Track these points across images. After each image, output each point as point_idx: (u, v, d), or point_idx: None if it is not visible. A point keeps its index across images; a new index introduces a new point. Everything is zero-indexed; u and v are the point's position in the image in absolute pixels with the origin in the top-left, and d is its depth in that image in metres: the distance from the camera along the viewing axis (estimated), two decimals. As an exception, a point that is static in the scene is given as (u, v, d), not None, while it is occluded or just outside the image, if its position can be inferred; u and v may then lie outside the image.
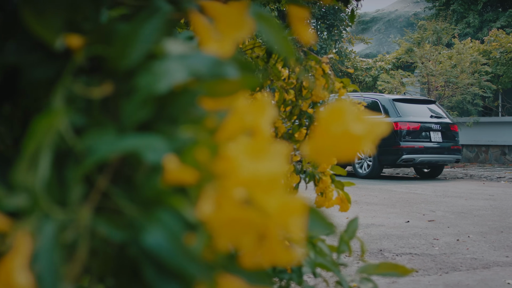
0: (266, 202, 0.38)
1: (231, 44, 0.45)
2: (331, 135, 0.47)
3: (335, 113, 0.47)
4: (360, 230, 5.03)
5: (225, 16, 0.45)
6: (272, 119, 0.49)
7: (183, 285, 0.39)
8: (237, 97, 0.46)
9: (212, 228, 0.38)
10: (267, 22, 0.49)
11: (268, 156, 0.39)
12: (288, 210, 0.38)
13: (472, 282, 3.29)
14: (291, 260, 0.40)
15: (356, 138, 0.48)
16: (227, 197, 0.37)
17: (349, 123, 0.47)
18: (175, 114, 0.43)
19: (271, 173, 0.38)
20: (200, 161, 0.39)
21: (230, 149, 0.38)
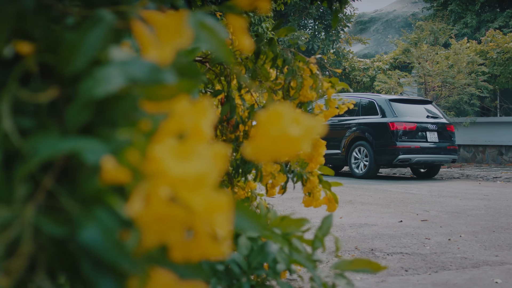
0: (192, 200, 0.40)
1: (170, 51, 0.48)
2: (269, 137, 0.50)
3: (273, 116, 0.50)
4: (353, 230, 5.06)
5: (164, 25, 0.48)
6: (212, 121, 0.51)
7: (117, 279, 0.42)
8: (177, 100, 0.49)
9: (141, 224, 0.40)
10: (208, 30, 0.51)
11: (196, 157, 0.42)
12: (213, 207, 0.41)
13: (461, 281, 3.32)
14: (220, 254, 0.42)
15: (293, 140, 0.50)
16: (155, 195, 0.40)
17: (286, 125, 0.50)
18: (115, 117, 0.46)
19: (197, 173, 0.41)
20: (132, 162, 0.42)
21: (156, 151, 0.41)
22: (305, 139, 0.51)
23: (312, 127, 0.51)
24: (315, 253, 1.35)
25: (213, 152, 0.47)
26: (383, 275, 3.49)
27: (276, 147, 0.50)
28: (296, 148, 0.51)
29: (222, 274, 1.29)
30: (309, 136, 0.51)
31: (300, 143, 0.50)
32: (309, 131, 0.51)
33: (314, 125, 0.51)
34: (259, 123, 0.50)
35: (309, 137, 0.51)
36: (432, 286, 3.23)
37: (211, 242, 0.42)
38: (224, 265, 1.28)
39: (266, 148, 0.51)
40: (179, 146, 0.42)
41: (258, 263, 1.31)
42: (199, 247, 0.42)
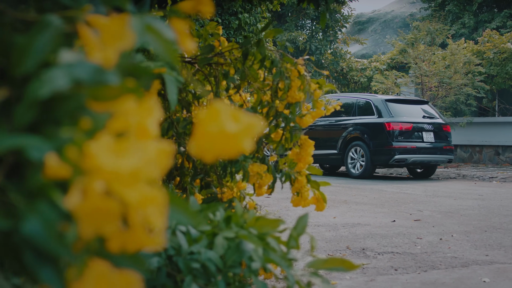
0: (126, 193, 0.43)
1: (113, 53, 0.51)
2: (208, 134, 0.53)
3: (212, 114, 0.52)
4: (346, 229, 5.09)
5: (107, 29, 0.50)
6: (158, 120, 0.54)
7: (57, 268, 0.44)
8: (123, 100, 0.51)
9: (77, 217, 0.43)
10: (155, 32, 0.54)
11: (132, 154, 0.44)
12: (147, 201, 0.44)
13: (449, 280, 3.35)
14: (155, 245, 0.45)
15: (231, 137, 0.53)
16: (90, 189, 0.43)
17: (224, 122, 0.52)
18: (61, 116, 0.49)
19: (132, 169, 0.44)
20: (72, 158, 0.45)
21: (91, 147, 0.44)
22: (245, 136, 0.53)
23: (251, 125, 0.53)
24: (290, 252, 1.38)
25: (157, 149, 0.50)
26: (372, 274, 3.52)
27: (215, 144, 0.53)
28: (235, 145, 0.53)
29: (198, 272, 1.32)
30: (248, 133, 0.53)
31: (239, 140, 0.53)
32: (248, 129, 0.53)
33: (253, 122, 0.53)
34: (198, 121, 0.52)
35: (249, 134, 0.53)
36: (420, 285, 3.26)
37: (146, 234, 0.44)
38: (200, 263, 1.31)
39: (206, 146, 0.53)
40: (116, 143, 0.44)
41: (233, 262, 1.33)
42: (135, 238, 0.44)
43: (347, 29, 27.54)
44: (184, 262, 1.28)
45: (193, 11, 0.59)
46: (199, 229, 1.40)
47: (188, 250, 1.35)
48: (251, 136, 0.54)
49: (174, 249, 1.36)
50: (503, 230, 5.12)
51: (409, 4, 32.48)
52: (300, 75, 2.72)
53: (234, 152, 0.55)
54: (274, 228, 1.40)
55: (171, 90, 1.38)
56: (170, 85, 1.38)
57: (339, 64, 19.56)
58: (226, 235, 1.38)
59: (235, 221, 1.40)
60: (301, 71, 2.71)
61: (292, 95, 2.72)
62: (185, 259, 1.29)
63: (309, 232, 5.03)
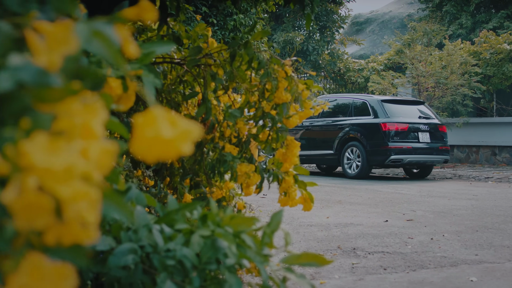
0: (59, 189, 0.46)
1: (58, 57, 0.53)
2: (145, 139, 0.55)
3: (149, 119, 0.55)
4: (338, 229, 5.12)
5: (52, 34, 0.53)
6: (104, 120, 0.57)
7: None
8: (69, 101, 0.54)
9: (13, 211, 0.46)
10: (101, 37, 0.57)
11: (65, 152, 0.47)
12: (80, 196, 0.46)
13: (437, 280, 3.38)
14: (89, 238, 0.47)
15: (167, 141, 0.56)
16: (24, 185, 0.45)
17: (160, 127, 0.55)
18: (6, 116, 0.51)
19: (65, 166, 0.46)
20: (10, 156, 0.47)
21: (26, 146, 0.46)
22: (182, 141, 0.56)
23: (188, 130, 0.56)
24: (264, 248, 1.40)
25: (101, 148, 0.53)
26: (361, 273, 3.54)
27: (153, 148, 0.56)
28: (172, 149, 0.56)
29: (175, 269, 1.35)
30: (185, 138, 0.56)
31: (175, 144, 0.55)
32: (185, 134, 0.56)
33: (190, 128, 0.56)
34: (136, 126, 0.55)
35: (185, 139, 0.56)
36: (408, 284, 3.29)
37: (80, 228, 0.47)
38: (175, 260, 1.33)
39: (145, 149, 0.56)
40: (51, 141, 0.47)
41: (208, 258, 1.36)
42: (70, 232, 0.47)
43: (345, 29, 27.60)
44: (159, 259, 1.31)
45: (136, 18, 0.62)
46: (176, 228, 1.43)
47: (165, 247, 1.37)
48: (188, 140, 0.56)
49: (152, 246, 1.38)
50: (494, 230, 5.15)
51: (407, 5, 32.53)
52: (287, 76, 2.74)
53: (173, 155, 0.58)
54: (249, 226, 1.42)
55: (149, 92, 1.41)
56: (148, 86, 1.40)
57: (337, 65, 19.60)
58: (202, 233, 1.40)
59: (212, 220, 1.43)
60: (288, 72, 2.74)
61: (279, 96, 2.74)
62: (160, 256, 1.31)
63: (301, 232, 5.05)
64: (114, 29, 0.56)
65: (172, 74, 3.18)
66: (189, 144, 0.57)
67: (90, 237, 0.48)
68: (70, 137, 0.50)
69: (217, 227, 1.42)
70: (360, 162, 11.36)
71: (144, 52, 1.48)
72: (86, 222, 0.47)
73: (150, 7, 0.61)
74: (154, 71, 1.44)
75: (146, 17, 0.61)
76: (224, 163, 2.66)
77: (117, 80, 1.41)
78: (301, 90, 2.81)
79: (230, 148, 2.71)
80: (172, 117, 0.56)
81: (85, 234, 0.48)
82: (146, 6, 0.62)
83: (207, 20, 10.26)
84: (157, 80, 1.44)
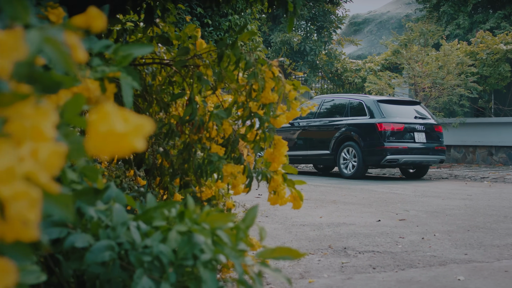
0: (1, 190, 0.49)
1: (8, 63, 0.56)
2: (99, 134, 0.59)
3: (102, 115, 0.58)
4: (330, 229, 5.15)
5: (2, 42, 0.56)
6: (54, 123, 0.60)
7: None
8: (20, 105, 0.57)
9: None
10: (53, 43, 0.60)
11: (7, 154, 0.50)
12: (20, 196, 0.49)
13: (424, 278, 3.41)
14: (30, 235, 0.51)
15: (121, 136, 0.59)
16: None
17: (113, 123, 0.58)
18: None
19: (4, 168, 0.50)
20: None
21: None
22: (134, 136, 0.59)
23: (140, 125, 0.59)
24: (239, 244, 1.44)
25: (50, 150, 0.56)
26: (350, 272, 3.58)
27: (107, 143, 0.59)
28: (126, 144, 0.59)
29: (151, 265, 1.38)
30: (138, 133, 0.59)
31: (129, 139, 0.59)
32: (137, 129, 0.59)
33: (142, 123, 0.59)
34: (90, 122, 0.58)
35: (138, 133, 0.59)
36: (396, 283, 3.32)
37: (22, 225, 0.50)
38: (152, 256, 1.37)
39: (100, 145, 0.59)
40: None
41: (185, 254, 1.39)
42: (12, 229, 0.50)
43: (342, 30, 27.64)
44: (135, 255, 1.34)
45: (85, 25, 0.65)
46: (154, 225, 1.46)
47: (142, 244, 1.40)
48: (141, 135, 0.60)
49: (130, 243, 1.41)
50: (485, 229, 5.19)
51: (405, 5, 32.57)
52: (274, 76, 2.77)
53: (127, 150, 0.61)
54: (225, 222, 1.46)
55: (127, 94, 1.44)
56: (126, 88, 1.43)
57: (334, 65, 19.63)
58: (179, 229, 1.43)
59: (189, 216, 1.46)
60: (276, 72, 2.77)
61: (265, 96, 2.77)
62: (137, 253, 1.34)
63: (293, 231, 5.08)
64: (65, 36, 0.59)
65: (162, 75, 3.22)
66: (142, 139, 0.60)
67: (31, 234, 0.51)
68: (20, 139, 0.54)
69: (194, 224, 1.46)
70: (356, 162, 11.40)
71: (123, 54, 1.51)
72: (27, 220, 0.51)
73: (99, 15, 0.64)
74: (132, 73, 1.47)
75: (94, 25, 0.64)
76: (211, 163, 2.69)
77: (95, 81, 1.45)
78: (288, 91, 2.83)
79: (217, 148, 2.75)
80: (124, 113, 0.60)
81: (26, 231, 0.51)
82: (94, 14, 0.65)
83: (202, 20, 10.29)
84: (135, 82, 1.47)
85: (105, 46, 1.51)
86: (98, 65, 1.46)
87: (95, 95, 1.44)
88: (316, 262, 3.85)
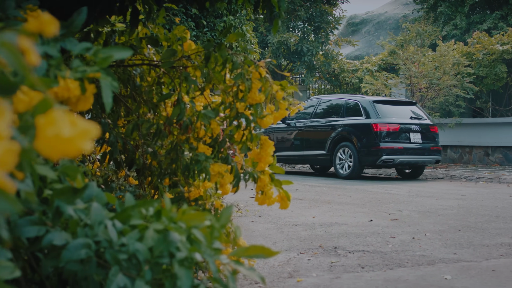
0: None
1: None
2: (46, 138, 0.62)
3: (49, 119, 0.61)
4: (322, 229, 5.18)
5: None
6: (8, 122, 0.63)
7: None
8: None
9: None
10: (8, 46, 0.63)
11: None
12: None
13: (412, 278, 3.44)
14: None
15: (68, 140, 0.62)
16: None
17: (60, 127, 0.61)
18: None
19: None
20: None
21: None
22: (81, 139, 0.62)
23: (87, 130, 0.62)
24: (215, 242, 1.47)
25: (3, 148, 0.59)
26: (339, 271, 3.61)
27: (54, 147, 0.62)
28: (73, 147, 0.62)
29: (127, 263, 1.41)
30: (85, 136, 0.62)
31: (75, 142, 0.61)
32: (84, 133, 0.62)
33: (89, 128, 0.62)
34: (38, 126, 0.61)
35: (85, 137, 0.62)
36: (383, 282, 3.35)
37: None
38: (129, 254, 1.39)
39: (47, 148, 0.62)
40: None
41: (160, 252, 1.42)
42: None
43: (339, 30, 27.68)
44: (111, 253, 1.36)
45: (38, 30, 0.68)
46: (131, 223, 1.49)
47: (119, 242, 1.42)
48: (87, 139, 0.62)
49: (108, 242, 1.44)
50: (476, 229, 5.22)
51: (403, 6, 32.61)
52: (261, 77, 2.80)
53: (73, 153, 0.64)
54: (201, 221, 1.48)
55: (106, 94, 1.47)
56: (105, 89, 1.46)
57: (331, 66, 19.67)
58: (155, 227, 1.46)
59: (165, 215, 1.48)
60: (262, 73, 2.80)
61: (252, 97, 2.80)
62: (113, 250, 1.37)
63: (285, 231, 5.10)
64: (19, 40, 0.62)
65: (151, 75, 3.25)
66: (89, 142, 0.63)
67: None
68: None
69: (171, 222, 1.48)
70: (352, 163, 11.44)
71: (103, 56, 1.54)
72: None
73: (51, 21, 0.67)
74: (112, 74, 1.50)
75: (46, 30, 0.67)
76: (198, 163, 2.71)
77: (75, 82, 1.48)
78: (276, 91, 2.86)
79: (204, 148, 2.77)
80: (72, 117, 0.62)
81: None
82: (46, 20, 0.68)
83: (197, 21, 10.31)
84: (114, 82, 1.50)
85: (85, 48, 1.54)
86: (78, 66, 1.49)
87: (75, 95, 1.46)
88: (306, 261, 3.88)
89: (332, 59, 19.84)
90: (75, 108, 1.49)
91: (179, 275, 1.40)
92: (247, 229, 5.20)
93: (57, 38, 1.56)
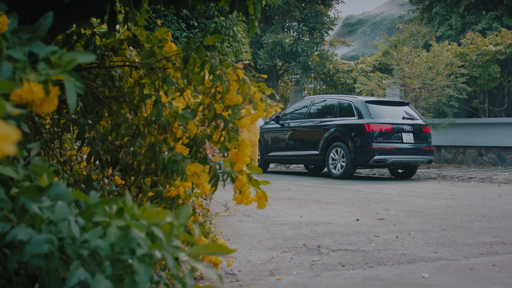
0: None
1: None
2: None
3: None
4: (308, 228, 5.24)
5: None
6: None
7: None
8: None
9: None
10: None
11: None
12: None
13: (390, 276, 3.50)
14: None
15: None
16: None
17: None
18: None
19: None
20: None
21: None
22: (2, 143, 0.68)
23: (8, 133, 0.68)
24: (174, 240, 1.52)
25: None
26: (320, 270, 3.66)
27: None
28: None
29: (89, 258, 1.46)
30: (6, 140, 0.68)
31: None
32: (5, 137, 0.68)
33: (9, 131, 0.68)
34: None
35: (6, 141, 0.68)
36: (361, 280, 3.41)
37: None
38: (90, 250, 1.45)
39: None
40: None
41: (121, 248, 1.48)
42: None
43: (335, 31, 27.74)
44: (73, 248, 1.42)
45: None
46: (94, 220, 1.54)
47: (82, 238, 1.48)
48: (9, 142, 0.68)
49: (71, 238, 1.49)
50: (461, 228, 5.28)
51: (398, 6, 32.69)
52: (239, 78, 2.86)
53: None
54: (162, 218, 1.54)
55: (71, 95, 1.52)
56: (70, 90, 1.52)
57: (326, 66, 19.73)
58: (117, 224, 1.52)
59: (127, 212, 1.54)
60: (240, 75, 2.86)
61: (229, 98, 2.86)
62: (75, 246, 1.42)
63: (271, 230, 5.15)
64: None
65: (133, 76, 3.30)
66: (11, 145, 0.68)
67: None
68: None
69: (133, 220, 1.54)
70: (344, 163, 11.50)
71: (67, 59, 1.60)
72: None
73: None
74: (75, 76, 1.56)
75: None
76: (175, 162, 2.77)
77: (39, 84, 1.53)
78: (253, 93, 2.92)
79: (181, 148, 2.83)
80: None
81: None
82: None
83: (188, 22, 10.34)
84: (78, 83, 1.56)
85: (51, 51, 1.59)
86: (43, 69, 1.54)
87: (39, 98, 1.51)
88: (288, 260, 3.94)
89: (327, 60, 19.90)
90: (40, 109, 1.54)
91: (138, 270, 1.45)
92: (234, 228, 5.26)
93: (24, 42, 1.62)
